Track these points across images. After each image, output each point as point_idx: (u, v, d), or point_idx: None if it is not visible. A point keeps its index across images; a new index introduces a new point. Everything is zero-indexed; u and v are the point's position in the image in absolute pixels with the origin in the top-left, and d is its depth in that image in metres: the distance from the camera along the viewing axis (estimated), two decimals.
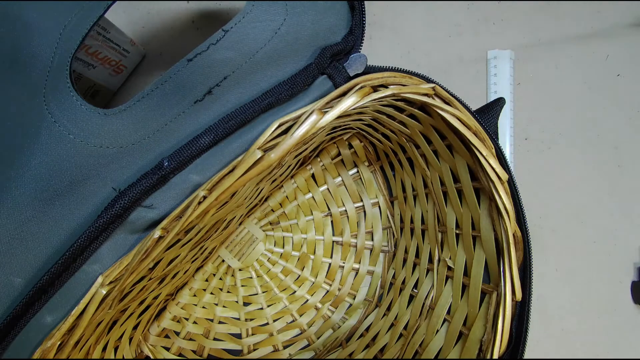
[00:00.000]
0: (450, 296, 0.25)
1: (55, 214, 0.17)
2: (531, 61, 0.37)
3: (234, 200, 0.23)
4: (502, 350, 0.19)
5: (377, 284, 0.32)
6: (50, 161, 0.17)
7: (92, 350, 0.23)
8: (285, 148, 0.18)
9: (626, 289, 0.34)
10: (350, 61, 0.20)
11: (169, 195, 0.18)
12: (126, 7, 0.35)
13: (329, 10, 0.20)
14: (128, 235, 0.19)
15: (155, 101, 0.18)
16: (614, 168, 0.36)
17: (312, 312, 0.33)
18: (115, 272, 0.18)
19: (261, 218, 0.34)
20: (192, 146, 0.18)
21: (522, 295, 0.20)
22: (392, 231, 0.33)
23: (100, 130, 0.17)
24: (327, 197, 0.34)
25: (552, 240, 0.35)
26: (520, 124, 0.36)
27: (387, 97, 0.19)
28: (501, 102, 0.24)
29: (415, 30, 0.37)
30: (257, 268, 0.34)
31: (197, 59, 0.18)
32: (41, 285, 0.17)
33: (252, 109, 0.18)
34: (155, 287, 0.26)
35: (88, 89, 0.29)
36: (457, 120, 0.20)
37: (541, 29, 0.37)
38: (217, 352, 0.31)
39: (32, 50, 0.17)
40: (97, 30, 0.26)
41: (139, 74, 0.35)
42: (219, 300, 0.32)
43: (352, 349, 0.29)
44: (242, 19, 0.18)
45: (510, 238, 0.20)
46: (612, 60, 0.37)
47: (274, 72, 0.19)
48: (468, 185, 0.23)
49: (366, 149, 0.33)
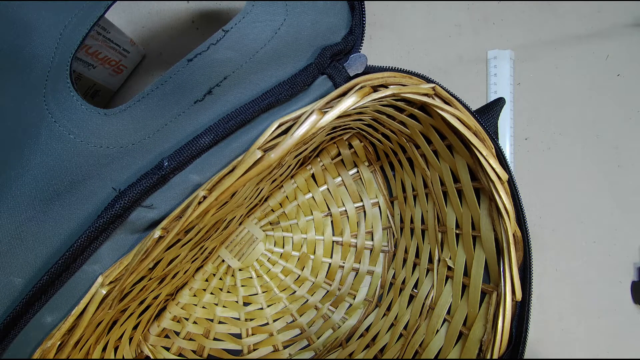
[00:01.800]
0: (450, 296, 0.25)
1: (56, 214, 0.17)
2: (531, 61, 0.37)
3: (234, 200, 0.23)
4: (502, 350, 0.19)
5: (377, 284, 0.32)
6: (50, 161, 0.17)
7: (92, 350, 0.23)
8: (285, 148, 0.18)
9: (626, 289, 0.34)
10: (350, 61, 0.20)
11: (169, 195, 0.18)
12: (126, 7, 0.35)
13: (329, 10, 0.20)
14: (128, 235, 0.19)
15: (155, 101, 0.18)
16: (614, 168, 0.36)
17: (312, 312, 0.33)
18: (115, 272, 0.18)
19: (261, 218, 0.34)
20: (192, 146, 0.18)
21: (522, 295, 0.20)
22: (392, 231, 0.33)
23: (101, 130, 0.17)
24: (327, 197, 0.34)
25: (552, 240, 0.35)
26: (520, 124, 0.36)
27: (387, 97, 0.19)
28: (501, 102, 0.24)
29: (415, 30, 0.37)
30: (257, 268, 0.34)
31: (197, 59, 0.18)
32: (41, 285, 0.17)
33: (252, 109, 0.18)
34: (155, 287, 0.26)
35: (88, 89, 0.29)
36: (457, 120, 0.20)
37: (541, 29, 0.37)
38: (217, 352, 0.31)
39: (33, 50, 0.17)
40: (97, 30, 0.26)
41: (139, 74, 0.35)
42: (219, 300, 0.32)
43: (352, 349, 0.29)
44: (242, 19, 0.18)
45: (510, 238, 0.20)
46: (612, 60, 0.37)
47: (274, 72, 0.19)
48: (468, 185, 0.23)
49: (366, 149, 0.33)
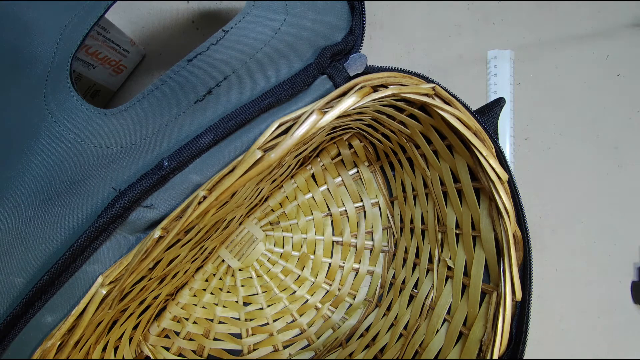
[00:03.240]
0: (450, 296, 0.25)
1: (56, 213, 0.17)
2: (531, 61, 0.37)
3: (234, 200, 0.23)
4: (502, 350, 0.19)
5: (377, 284, 0.32)
6: (50, 161, 0.17)
7: (92, 350, 0.23)
8: (285, 148, 0.18)
9: (626, 289, 0.34)
10: (350, 61, 0.20)
11: (169, 195, 0.18)
12: (126, 7, 0.35)
13: (329, 10, 0.20)
14: (128, 235, 0.19)
15: (156, 101, 0.18)
16: (614, 168, 0.36)
17: (312, 312, 0.33)
18: (115, 272, 0.18)
19: (261, 218, 0.34)
20: (192, 146, 0.18)
21: (522, 295, 0.20)
22: (392, 231, 0.33)
23: (101, 130, 0.17)
24: (327, 197, 0.34)
25: (552, 240, 0.35)
26: (520, 124, 0.36)
27: (387, 97, 0.19)
28: (501, 102, 0.24)
29: (415, 30, 0.37)
30: (257, 268, 0.34)
31: (197, 59, 0.18)
32: (41, 285, 0.17)
33: (252, 109, 0.18)
34: (155, 287, 0.26)
35: (88, 89, 0.29)
36: (457, 120, 0.20)
37: (541, 29, 0.37)
38: (217, 352, 0.31)
39: (33, 50, 0.17)
40: (97, 30, 0.26)
41: (139, 74, 0.35)
42: (219, 300, 0.32)
43: (352, 349, 0.29)
44: (243, 19, 0.18)
45: (510, 238, 0.20)
46: (612, 60, 0.37)
47: (274, 72, 0.19)
48: (468, 185, 0.23)
49: (366, 149, 0.33)
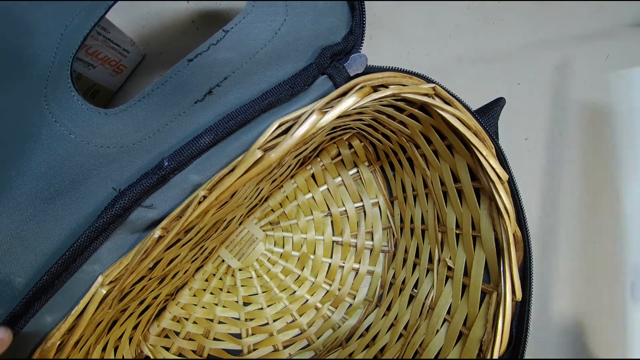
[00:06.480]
0: (450, 296, 0.25)
1: (56, 213, 0.17)
2: (531, 61, 0.37)
3: (234, 200, 0.23)
4: (502, 350, 0.19)
5: (377, 284, 0.32)
6: (50, 161, 0.17)
7: (92, 350, 0.23)
8: (285, 148, 0.18)
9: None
10: (350, 61, 0.20)
11: (169, 195, 0.18)
12: (126, 7, 0.35)
13: (329, 10, 0.20)
14: (128, 235, 0.19)
15: (156, 101, 0.18)
16: (614, 168, 0.36)
17: (312, 312, 0.33)
18: (115, 272, 0.18)
19: (261, 218, 0.34)
20: (192, 146, 0.18)
21: (522, 295, 0.20)
22: (392, 231, 0.33)
23: (101, 130, 0.17)
24: (327, 197, 0.34)
25: (552, 240, 0.35)
26: (520, 124, 0.36)
27: (387, 97, 0.19)
28: (501, 102, 0.24)
29: (415, 30, 0.37)
30: (257, 268, 0.34)
31: (197, 59, 0.18)
32: (41, 285, 0.17)
33: (252, 109, 0.18)
34: (155, 287, 0.26)
35: (88, 89, 0.29)
36: (457, 120, 0.20)
37: (541, 29, 0.37)
38: (217, 352, 0.31)
39: (34, 50, 0.17)
40: (97, 30, 0.26)
41: (139, 74, 0.35)
42: (219, 300, 0.32)
43: (352, 349, 0.29)
44: (243, 19, 0.18)
45: (510, 238, 0.20)
46: (612, 60, 0.37)
47: (274, 72, 0.19)
48: (468, 185, 0.23)
49: (366, 149, 0.33)
